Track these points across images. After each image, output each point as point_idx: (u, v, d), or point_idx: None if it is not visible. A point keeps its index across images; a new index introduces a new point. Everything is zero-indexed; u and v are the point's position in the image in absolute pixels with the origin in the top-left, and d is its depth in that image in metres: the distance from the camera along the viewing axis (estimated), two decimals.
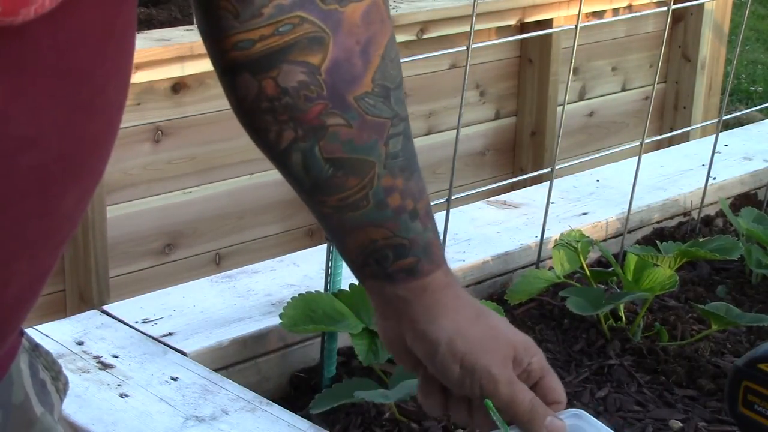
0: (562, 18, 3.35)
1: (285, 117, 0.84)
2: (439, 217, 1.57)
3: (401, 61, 0.90)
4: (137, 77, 2.51)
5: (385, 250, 0.91)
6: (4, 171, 0.63)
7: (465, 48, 1.39)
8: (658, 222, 1.82)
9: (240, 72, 0.83)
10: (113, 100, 0.71)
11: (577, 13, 1.54)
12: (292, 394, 1.35)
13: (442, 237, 1.41)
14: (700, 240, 1.62)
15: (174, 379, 1.22)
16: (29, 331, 1.30)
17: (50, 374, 0.85)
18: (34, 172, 0.65)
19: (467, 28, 1.38)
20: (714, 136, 1.83)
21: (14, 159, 0.64)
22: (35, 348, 0.84)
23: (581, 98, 3.63)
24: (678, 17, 3.77)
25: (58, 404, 0.86)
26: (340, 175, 0.87)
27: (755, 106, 4.14)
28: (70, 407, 1.16)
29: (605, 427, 0.96)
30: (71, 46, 0.64)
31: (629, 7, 3.55)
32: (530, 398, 0.90)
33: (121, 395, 1.19)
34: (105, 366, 1.25)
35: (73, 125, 0.67)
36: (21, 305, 0.72)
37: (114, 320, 1.35)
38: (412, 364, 0.94)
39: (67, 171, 0.68)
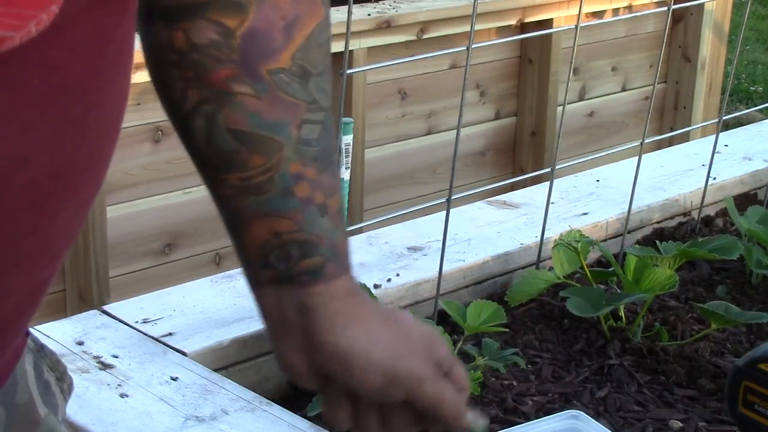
0: (562, 18, 3.35)
1: (191, 74, 0.80)
2: (439, 217, 1.58)
3: (401, 61, 0.89)
4: (137, 77, 2.49)
5: (290, 246, 0.84)
6: None
7: (465, 48, 1.39)
8: (658, 222, 1.82)
9: (155, 19, 0.80)
10: (109, 115, 0.70)
11: (577, 13, 1.54)
12: (292, 394, 1.35)
13: (442, 237, 1.42)
14: (700, 240, 1.62)
15: (174, 379, 1.22)
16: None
17: (55, 375, 0.85)
18: (27, 189, 0.65)
19: (467, 28, 1.38)
20: (714, 136, 1.83)
21: (7, 178, 0.63)
22: (40, 348, 0.84)
23: (581, 98, 3.63)
24: (678, 17, 3.77)
25: (62, 405, 0.85)
26: (243, 151, 0.82)
27: (755, 106, 4.14)
28: (70, 407, 1.15)
29: (603, 428, 0.96)
30: (63, 64, 0.64)
31: (629, 7, 3.55)
32: (454, 395, 0.86)
33: (121, 395, 1.19)
34: (105, 366, 1.25)
35: (66, 142, 0.66)
36: (20, 317, 0.72)
37: (114, 320, 1.35)
38: (320, 382, 0.86)
39: (60, 187, 0.68)
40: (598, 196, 1.83)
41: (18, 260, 0.67)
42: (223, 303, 1.40)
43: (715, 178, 1.89)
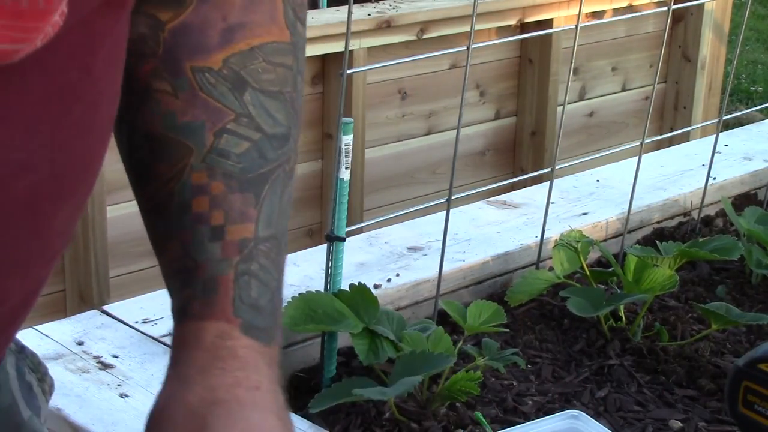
0: (562, 18, 3.35)
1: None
2: (439, 217, 1.58)
3: (401, 61, 0.86)
4: None
5: (177, 276, 0.72)
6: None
7: (465, 48, 1.39)
8: (658, 222, 1.82)
9: None
10: (104, 115, 0.68)
11: (577, 13, 1.54)
12: (292, 394, 1.35)
13: (442, 237, 1.42)
14: (700, 240, 1.62)
15: None
16: (29, 331, 1.30)
17: (36, 376, 0.82)
18: (28, 194, 0.63)
19: (467, 28, 1.38)
20: (714, 136, 1.83)
21: (8, 184, 0.62)
22: (21, 350, 0.81)
23: (581, 98, 3.63)
24: (678, 17, 3.77)
25: (44, 406, 0.83)
26: (153, 159, 0.72)
27: (755, 106, 4.14)
28: (70, 407, 1.16)
29: (603, 428, 0.96)
30: (60, 66, 0.61)
31: (629, 7, 3.55)
32: None
33: (121, 395, 1.19)
34: (105, 366, 1.25)
35: (65, 145, 0.65)
36: (15, 320, 0.71)
37: (114, 320, 1.35)
38: None
39: (59, 189, 0.66)
40: (598, 196, 1.83)
41: (17, 264, 0.66)
42: None
43: (715, 178, 1.89)
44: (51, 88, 0.62)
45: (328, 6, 3.18)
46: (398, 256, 1.55)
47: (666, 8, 1.65)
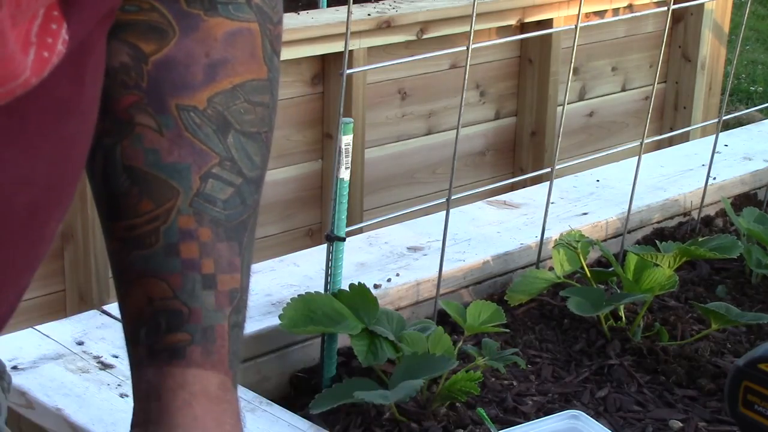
0: (562, 18, 3.35)
1: None
2: (439, 217, 1.57)
3: (401, 61, 0.86)
4: None
5: (161, 314, 0.70)
6: (1, 212, 0.60)
7: (465, 48, 1.39)
8: (658, 222, 1.82)
9: None
10: (90, 124, 0.67)
11: (577, 13, 1.54)
12: (292, 394, 1.35)
13: (442, 237, 1.42)
14: (700, 239, 1.62)
15: None
16: (29, 331, 1.30)
17: None
18: (27, 206, 0.63)
19: (467, 28, 1.38)
20: (714, 136, 1.83)
21: (10, 199, 0.61)
22: None
23: (581, 98, 3.63)
24: (678, 17, 3.77)
25: (5, 405, 0.82)
26: (134, 193, 0.71)
27: (755, 106, 4.14)
28: (70, 407, 1.16)
29: (603, 428, 0.96)
30: (56, 81, 0.60)
31: (629, 7, 3.55)
32: None
33: (121, 395, 1.19)
34: (105, 366, 1.25)
35: (61, 156, 0.64)
36: (1, 325, 0.70)
37: (114, 320, 1.35)
38: None
39: (53, 200, 0.65)
40: (598, 196, 1.83)
41: (11, 274, 0.65)
42: None
43: (715, 178, 1.89)
44: (48, 103, 0.61)
45: (328, 6, 3.18)
46: (398, 256, 1.55)
47: (666, 8, 1.65)
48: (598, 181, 1.89)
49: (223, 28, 0.72)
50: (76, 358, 1.26)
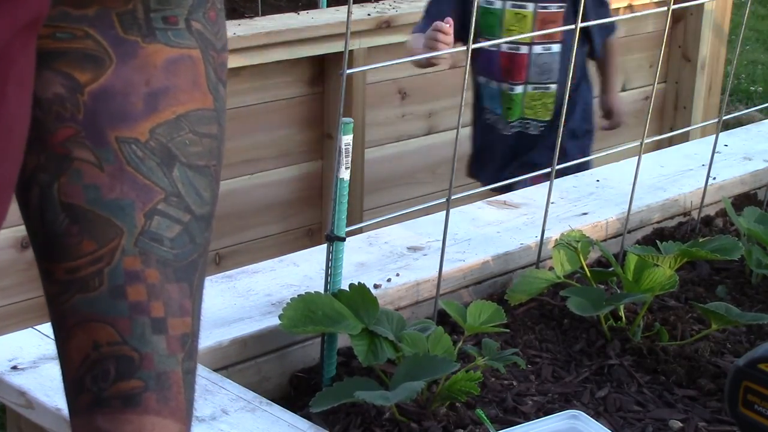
0: None
1: (31, 135, 0.62)
2: (439, 217, 1.57)
3: (401, 61, 0.84)
4: None
5: (108, 361, 0.65)
6: None
7: (465, 48, 1.39)
8: (658, 222, 1.82)
9: None
10: (17, 141, 0.60)
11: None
12: (292, 394, 1.35)
13: (442, 237, 1.42)
14: (701, 240, 1.62)
15: None
16: (29, 331, 1.30)
17: None
18: None
19: None
20: (714, 136, 1.83)
21: None
22: None
23: None
24: (678, 17, 3.77)
25: None
26: (75, 233, 0.66)
27: (755, 106, 4.14)
28: None
29: (603, 428, 0.96)
30: None
31: (629, 7, 3.55)
32: None
33: None
34: None
35: (4, 170, 0.59)
36: None
37: None
38: None
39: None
40: (598, 196, 1.83)
41: None
42: (222, 303, 1.40)
43: (715, 178, 1.89)
44: None
45: (328, 6, 3.18)
46: (398, 256, 1.55)
47: (666, 8, 1.65)
48: (598, 181, 1.89)
49: (162, 55, 0.68)
50: None
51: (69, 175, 0.66)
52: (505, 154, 2.69)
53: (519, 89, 2.63)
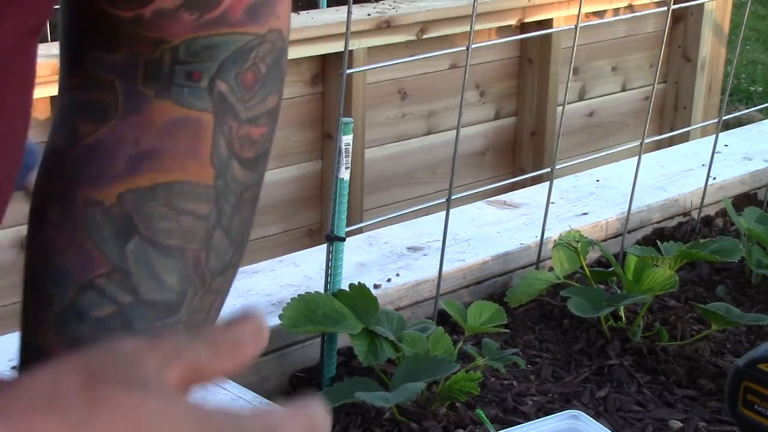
0: (562, 18, 3.35)
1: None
2: (439, 217, 1.57)
3: (401, 61, 0.85)
4: None
5: None
6: None
7: (465, 48, 1.39)
8: (658, 222, 1.82)
9: None
10: (15, 147, 0.60)
11: (577, 13, 1.54)
12: (292, 394, 1.35)
13: (442, 237, 1.42)
14: (701, 241, 1.62)
15: None
16: None
17: None
18: None
19: (467, 28, 1.38)
20: (714, 136, 1.83)
21: None
22: None
23: (581, 98, 3.63)
24: (678, 17, 3.77)
25: None
26: (26, 296, 0.63)
27: (755, 106, 4.14)
28: None
29: (603, 428, 0.96)
30: None
31: (629, 7, 3.55)
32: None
33: None
34: None
35: (5, 163, 0.59)
36: None
37: None
38: None
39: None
40: (598, 196, 1.83)
41: None
42: None
43: (715, 178, 1.89)
44: None
45: (328, 6, 3.18)
46: (398, 256, 1.55)
47: (666, 8, 1.64)
48: (598, 181, 1.89)
49: (165, 114, 0.61)
50: None
51: (37, 236, 0.62)
52: None
53: None
